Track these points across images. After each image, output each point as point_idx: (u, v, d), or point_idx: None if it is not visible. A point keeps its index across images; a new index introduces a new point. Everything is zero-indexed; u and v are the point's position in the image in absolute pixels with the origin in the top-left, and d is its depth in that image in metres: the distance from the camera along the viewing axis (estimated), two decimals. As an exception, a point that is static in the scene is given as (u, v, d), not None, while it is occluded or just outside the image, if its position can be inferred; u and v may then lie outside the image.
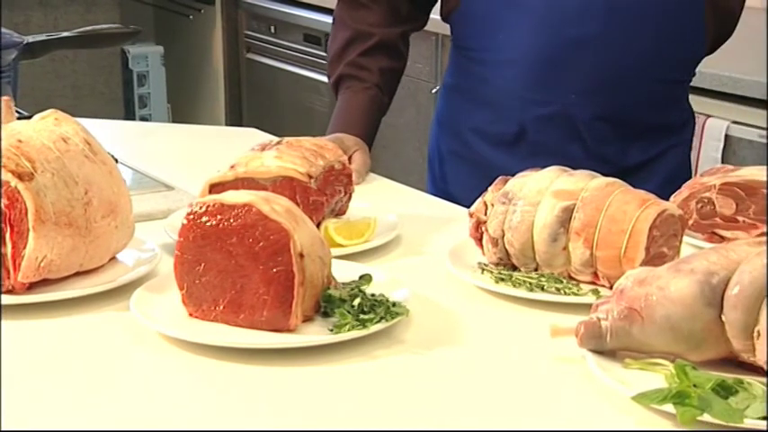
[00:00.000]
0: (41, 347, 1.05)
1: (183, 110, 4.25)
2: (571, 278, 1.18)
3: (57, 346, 1.05)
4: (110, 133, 1.88)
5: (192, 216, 1.06)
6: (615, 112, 1.56)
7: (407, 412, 0.94)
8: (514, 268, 1.21)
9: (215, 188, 1.27)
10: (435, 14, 1.71)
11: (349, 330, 1.04)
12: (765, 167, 1.31)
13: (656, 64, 1.55)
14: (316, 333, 1.05)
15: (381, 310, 1.06)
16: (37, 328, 1.09)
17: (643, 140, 1.60)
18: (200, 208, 1.06)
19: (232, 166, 1.31)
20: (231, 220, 1.04)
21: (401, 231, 1.35)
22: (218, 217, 1.05)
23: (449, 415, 0.93)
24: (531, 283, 1.17)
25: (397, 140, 3.23)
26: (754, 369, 0.93)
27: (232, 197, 1.06)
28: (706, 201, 1.26)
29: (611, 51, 1.53)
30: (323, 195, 1.30)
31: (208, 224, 1.05)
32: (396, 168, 3.23)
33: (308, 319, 1.07)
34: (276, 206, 1.06)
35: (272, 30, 3.77)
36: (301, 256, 1.04)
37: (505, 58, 1.59)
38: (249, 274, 1.04)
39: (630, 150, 1.59)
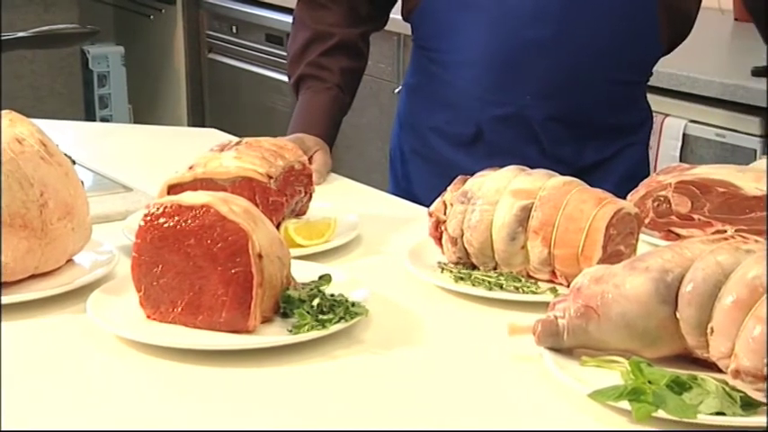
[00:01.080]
0: (-3, 351, 1.04)
1: (144, 110, 4.22)
2: (530, 277, 1.19)
3: (12, 350, 1.04)
4: (70, 134, 1.87)
5: (149, 217, 1.05)
6: (570, 113, 1.58)
7: (367, 412, 0.94)
8: (474, 267, 1.22)
9: (173, 189, 1.26)
10: (398, 14, 1.71)
11: (308, 331, 1.04)
12: (721, 166, 1.32)
13: (611, 66, 1.56)
14: (275, 334, 1.04)
15: (341, 310, 1.06)
16: (-8, 332, 1.07)
17: (599, 140, 1.61)
18: (158, 209, 1.05)
19: (191, 167, 1.30)
20: (189, 222, 1.04)
21: (361, 231, 1.36)
22: (176, 218, 1.04)
23: (408, 414, 0.94)
24: (489, 282, 1.17)
25: (359, 140, 3.23)
26: (707, 365, 0.94)
27: (190, 198, 1.06)
28: (662, 199, 1.28)
29: (566, 53, 1.54)
30: (282, 196, 1.30)
31: (165, 225, 1.04)
32: (359, 168, 3.23)
33: (267, 320, 1.06)
34: (234, 207, 1.06)
35: (234, 30, 3.75)
36: (260, 256, 1.04)
37: (463, 59, 1.60)
38: (207, 275, 1.04)
39: (586, 150, 1.61)
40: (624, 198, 1.24)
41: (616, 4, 1.53)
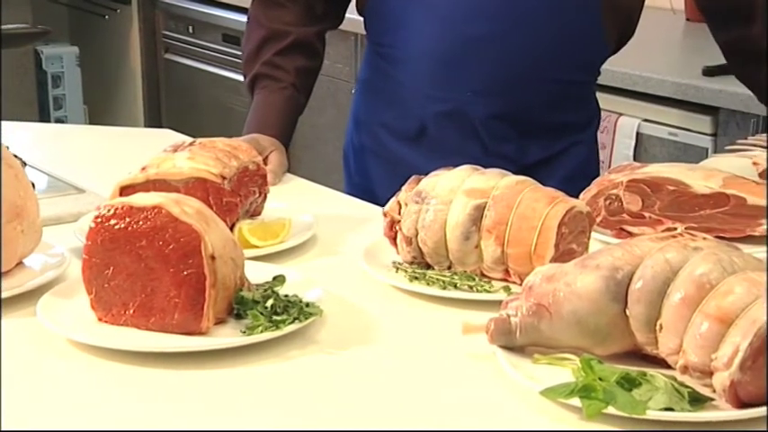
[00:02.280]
0: (-55, 356, 1.03)
1: (100, 111, 4.17)
2: (483, 276, 1.19)
3: (-39, 355, 1.03)
4: (23, 136, 1.84)
5: (100, 219, 1.04)
6: (512, 111, 1.59)
7: (321, 412, 0.94)
8: (428, 267, 1.22)
9: (125, 190, 1.25)
10: (355, 14, 1.71)
11: (262, 332, 1.03)
12: (671, 164, 1.34)
13: (554, 64, 1.58)
14: (228, 335, 1.04)
15: (295, 310, 1.06)
16: (-60, 336, 1.06)
17: (543, 139, 1.63)
18: (109, 211, 1.04)
19: (143, 168, 1.29)
20: (140, 223, 1.03)
21: (317, 231, 1.35)
22: (127, 220, 1.03)
23: (362, 413, 0.94)
24: (444, 281, 1.18)
25: (317, 140, 3.23)
26: (657, 362, 0.95)
27: (141, 199, 1.05)
28: (614, 198, 1.29)
29: (507, 51, 1.55)
30: (236, 196, 1.30)
31: (116, 227, 1.04)
32: (316, 168, 3.22)
33: (220, 322, 1.06)
34: (187, 208, 1.05)
35: (191, 30, 3.73)
36: (213, 257, 1.03)
37: (408, 54, 1.61)
38: (159, 277, 1.03)
39: (530, 148, 1.62)
40: (576, 197, 1.25)
41: (558, 3, 1.55)
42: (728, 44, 1.70)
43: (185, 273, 1.02)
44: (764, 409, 0.87)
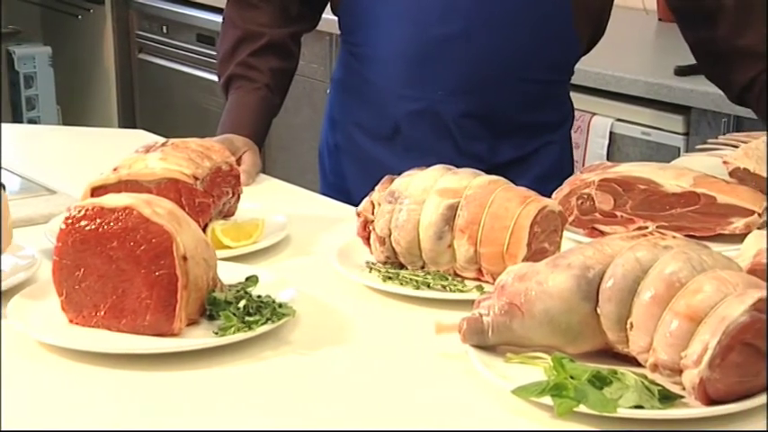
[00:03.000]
0: None
1: (73, 112, 4.15)
2: (456, 275, 1.20)
3: (-70, 358, 1.02)
4: (-7, 137, 1.83)
5: (70, 220, 1.04)
6: (484, 110, 1.60)
7: (294, 413, 0.94)
8: (402, 266, 1.22)
9: (97, 191, 1.24)
10: (330, 15, 1.71)
11: (234, 333, 1.03)
12: (642, 163, 1.35)
13: (527, 65, 1.58)
14: (200, 336, 1.04)
15: (267, 311, 1.06)
16: None
17: (515, 138, 1.63)
18: (79, 212, 1.04)
19: (115, 169, 1.28)
20: (111, 224, 1.03)
21: (290, 232, 1.35)
22: (98, 221, 1.03)
23: (335, 414, 0.94)
24: (417, 281, 1.18)
25: (293, 141, 3.22)
26: (628, 360, 0.96)
27: (112, 200, 1.05)
28: (586, 197, 1.30)
29: (479, 50, 1.55)
30: (209, 197, 1.29)
31: (87, 228, 1.03)
32: (292, 168, 3.22)
33: (192, 323, 1.06)
34: (158, 209, 1.04)
35: (165, 30, 3.71)
36: (185, 258, 1.03)
37: (380, 53, 1.61)
38: (131, 278, 1.03)
39: (501, 147, 1.63)
40: (548, 196, 1.25)
41: (529, 3, 1.55)
42: (698, 44, 1.71)
43: (157, 274, 1.02)
44: (733, 406, 0.88)
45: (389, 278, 1.19)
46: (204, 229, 1.27)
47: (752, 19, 1.65)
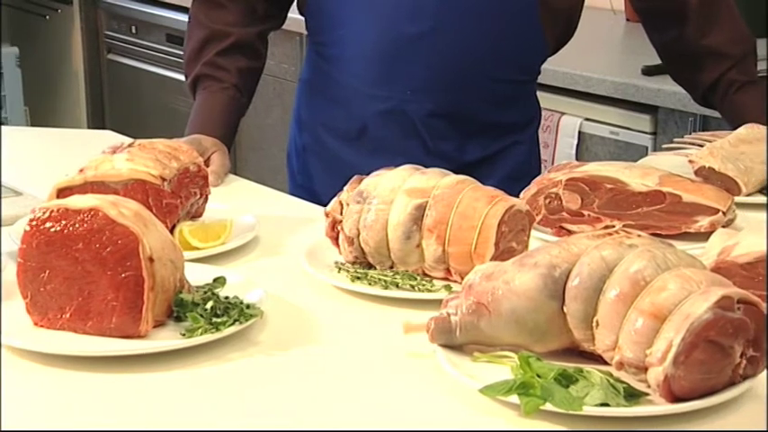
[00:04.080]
0: None
1: (42, 113, 4.11)
2: (425, 275, 1.20)
3: None
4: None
5: (35, 222, 1.03)
6: (452, 110, 1.60)
7: (261, 413, 0.94)
8: (370, 266, 1.22)
9: (63, 193, 1.23)
10: (300, 15, 1.71)
11: (202, 334, 1.03)
12: (609, 163, 1.36)
13: (493, 64, 1.59)
14: (167, 338, 1.03)
15: (235, 312, 1.06)
16: None
17: (483, 137, 1.64)
18: (44, 213, 1.03)
19: (81, 170, 1.27)
20: (76, 226, 1.02)
21: (259, 232, 1.35)
22: (63, 222, 1.02)
23: (303, 414, 0.94)
24: (386, 281, 1.18)
25: (264, 141, 3.22)
26: (594, 358, 0.96)
27: (77, 202, 1.04)
28: (553, 196, 1.30)
29: (445, 49, 1.56)
30: (177, 198, 1.29)
31: (52, 230, 1.02)
32: (263, 168, 3.21)
33: (159, 325, 1.05)
34: (124, 210, 1.04)
35: (134, 30, 3.69)
36: (151, 260, 1.02)
37: (347, 53, 1.61)
38: (97, 280, 1.02)
39: (469, 147, 1.63)
40: (516, 196, 1.26)
41: (496, 4, 1.56)
42: (664, 45, 1.73)
43: (123, 275, 1.01)
44: (698, 403, 0.89)
45: (358, 278, 1.19)
46: (172, 231, 1.27)
47: (716, 19, 1.67)
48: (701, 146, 1.53)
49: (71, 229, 1.02)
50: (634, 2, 1.73)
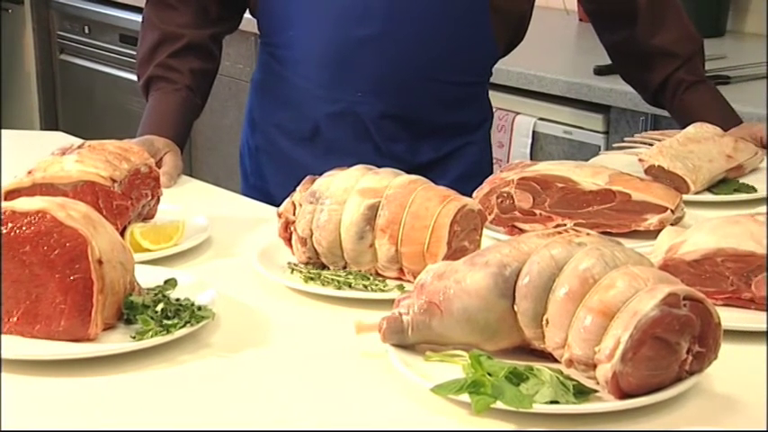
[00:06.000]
0: None
1: (-7, 114, 4.06)
2: (378, 275, 1.20)
3: None
4: None
5: (-19, 225, 1.01)
6: (403, 112, 1.61)
7: (213, 415, 0.93)
8: (324, 267, 1.22)
9: (11, 195, 1.22)
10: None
11: (152, 336, 1.02)
12: (560, 162, 1.37)
13: (445, 66, 1.60)
14: (117, 341, 1.02)
15: (186, 314, 1.05)
16: None
17: (435, 139, 1.65)
18: (-10, 216, 1.01)
19: (30, 172, 1.26)
20: (24, 228, 1.01)
21: (211, 234, 1.34)
22: (10, 225, 1.01)
23: (255, 415, 0.93)
24: (339, 281, 1.18)
25: (220, 141, 3.20)
26: (544, 356, 0.97)
27: (24, 204, 1.03)
28: (505, 195, 1.31)
29: (395, 52, 1.56)
30: (127, 199, 1.28)
31: (-2, 233, 1.01)
32: (219, 169, 3.20)
33: (109, 327, 1.04)
34: (72, 212, 1.03)
35: (87, 30, 3.65)
36: (100, 262, 1.01)
37: (298, 55, 1.61)
38: (45, 283, 1.01)
39: (421, 148, 1.64)
40: (469, 195, 1.27)
41: (446, 6, 1.57)
42: (614, 46, 1.75)
43: (72, 278, 1.00)
44: (645, 399, 0.90)
45: (311, 279, 1.19)
46: (123, 232, 1.26)
47: (664, 20, 1.69)
48: (651, 145, 1.55)
49: (18, 231, 1.01)
50: (584, 3, 1.74)
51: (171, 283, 1.12)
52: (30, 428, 0.90)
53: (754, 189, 1.48)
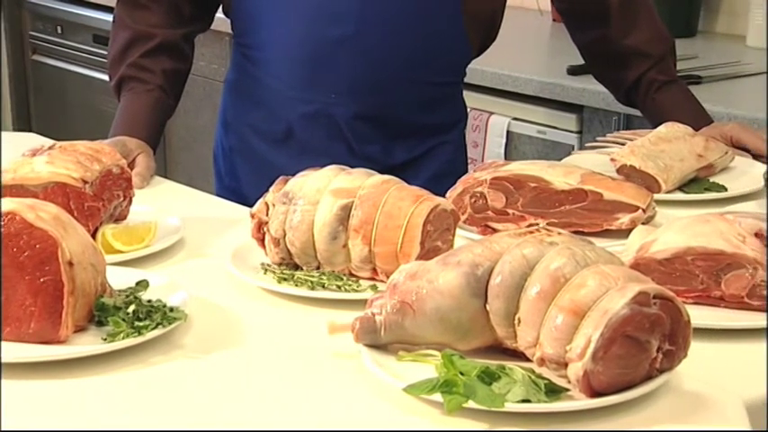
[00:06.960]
0: None
1: (-35, 115, 4.02)
2: (352, 275, 1.20)
3: None
4: None
5: (-51, 227, 1.00)
6: (376, 112, 1.61)
7: (185, 417, 0.93)
8: (297, 267, 1.22)
9: (-20, 197, 1.21)
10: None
11: (124, 338, 1.01)
12: (533, 162, 1.37)
13: (418, 67, 1.60)
14: (88, 343, 1.02)
15: (158, 315, 1.05)
16: None
17: (409, 139, 1.65)
18: (-41, 218, 1.00)
19: (-1, 173, 1.25)
20: (-7, 230, 1.00)
21: (184, 235, 1.34)
22: (-21, 227, 1.00)
23: (227, 416, 0.93)
24: (312, 282, 1.18)
25: (194, 142, 3.19)
26: (517, 355, 0.97)
27: (-7, 206, 1.02)
28: (478, 195, 1.31)
29: (368, 53, 1.57)
30: (99, 201, 1.27)
31: (-33, 235, 1.00)
32: (194, 170, 3.18)
33: (80, 330, 1.03)
34: (42, 213, 1.02)
35: (59, 30, 3.63)
36: (70, 264, 1.01)
37: (271, 55, 1.61)
38: (14, 285, 1.00)
39: (395, 149, 1.64)
40: (443, 195, 1.27)
41: (420, 7, 1.57)
42: (586, 46, 1.76)
43: (42, 280, 1.00)
44: (616, 397, 0.90)
45: (284, 279, 1.19)
46: (94, 234, 1.25)
47: (636, 20, 1.70)
48: (623, 144, 1.56)
49: (-13, 233, 1.00)
50: (556, 2, 1.75)
51: (143, 284, 1.11)
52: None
53: (724, 188, 1.49)
